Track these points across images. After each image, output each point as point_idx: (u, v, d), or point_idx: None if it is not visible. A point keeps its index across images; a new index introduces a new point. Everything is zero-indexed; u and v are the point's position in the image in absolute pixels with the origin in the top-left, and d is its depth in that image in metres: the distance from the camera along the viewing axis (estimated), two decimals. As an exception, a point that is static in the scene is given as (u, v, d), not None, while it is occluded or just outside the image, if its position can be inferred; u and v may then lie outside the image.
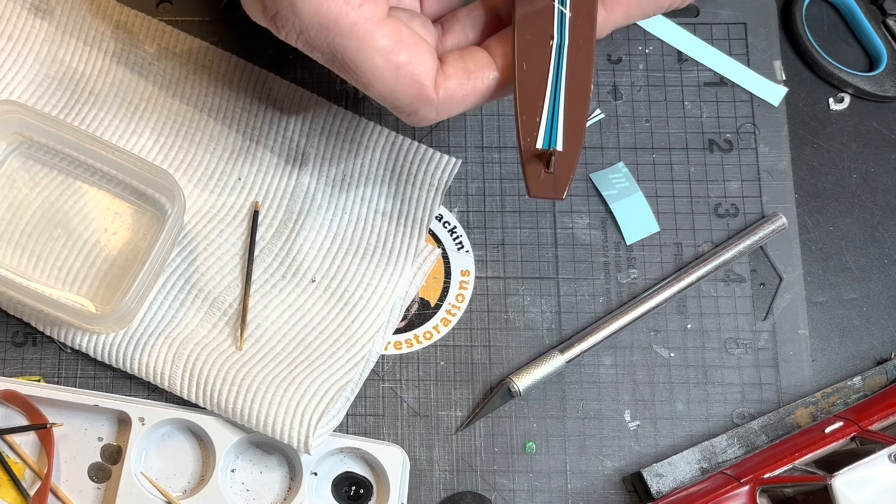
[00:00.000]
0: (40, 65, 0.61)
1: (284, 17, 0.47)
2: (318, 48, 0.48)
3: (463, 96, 0.49)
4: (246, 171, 0.61)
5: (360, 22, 0.46)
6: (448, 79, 0.49)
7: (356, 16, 0.46)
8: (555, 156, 0.47)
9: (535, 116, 0.48)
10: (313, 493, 0.57)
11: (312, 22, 0.46)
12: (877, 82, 0.63)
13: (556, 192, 0.48)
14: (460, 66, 0.49)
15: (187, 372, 0.57)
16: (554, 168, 0.47)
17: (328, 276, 0.59)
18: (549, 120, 0.48)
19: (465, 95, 0.50)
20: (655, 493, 0.57)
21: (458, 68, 0.49)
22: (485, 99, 0.50)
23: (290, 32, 0.48)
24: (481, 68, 0.50)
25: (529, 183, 0.48)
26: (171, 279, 0.59)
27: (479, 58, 0.50)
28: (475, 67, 0.50)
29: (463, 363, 0.60)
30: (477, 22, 0.52)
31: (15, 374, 0.59)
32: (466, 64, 0.50)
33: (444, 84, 0.49)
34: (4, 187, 0.59)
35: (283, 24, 0.48)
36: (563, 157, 0.48)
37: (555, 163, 0.47)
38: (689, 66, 0.64)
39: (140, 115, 0.61)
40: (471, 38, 0.52)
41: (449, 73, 0.49)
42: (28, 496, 0.57)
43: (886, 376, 0.60)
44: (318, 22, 0.46)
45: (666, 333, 0.60)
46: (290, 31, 0.48)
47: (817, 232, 0.62)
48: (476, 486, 0.58)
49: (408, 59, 0.47)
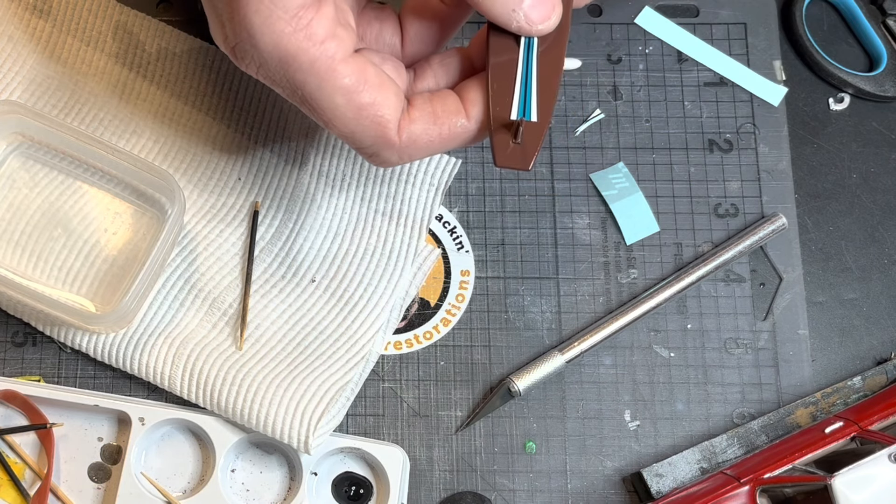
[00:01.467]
0: (40, 65, 0.61)
1: (244, 49, 0.45)
2: (278, 83, 0.46)
3: (427, 142, 0.48)
4: (246, 171, 0.61)
5: (322, 59, 0.44)
6: (413, 122, 0.47)
7: (317, 52, 0.44)
8: (523, 126, 0.46)
9: (506, 85, 0.47)
10: (313, 493, 0.57)
11: (272, 56, 0.45)
12: (877, 82, 0.63)
13: (524, 163, 0.47)
14: (427, 111, 0.48)
15: (187, 372, 0.57)
16: (522, 139, 0.47)
17: (328, 277, 0.59)
18: (523, 90, 0.47)
19: (430, 141, 0.48)
20: (655, 493, 0.57)
21: (425, 112, 0.48)
22: (452, 146, 0.49)
23: (249, 65, 0.46)
24: (449, 114, 0.48)
25: (496, 153, 0.47)
26: (171, 279, 0.59)
27: (449, 103, 0.48)
28: (443, 112, 0.48)
29: (463, 363, 0.60)
30: (450, 69, 0.50)
31: (15, 374, 0.59)
32: (434, 108, 0.48)
33: (409, 128, 0.47)
34: (4, 187, 0.59)
35: (242, 55, 0.46)
36: (532, 129, 0.47)
37: (522, 133, 0.46)
38: (689, 66, 0.64)
39: (140, 115, 0.61)
40: (442, 85, 0.50)
41: (415, 116, 0.47)
42: (28, 496, 0.57)
43: (886, 376, 0.60)
44: (277, 56, 0.44)
45: (666, 333, 0.60)
46: (249, 64, 0.46)
47: (817, 232, 0.62)
48: (476, 486, 0.58)
49: (371, 101, 0.46)
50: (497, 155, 0.47)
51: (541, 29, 0.46)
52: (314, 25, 0.44)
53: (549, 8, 0.46)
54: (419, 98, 0.48)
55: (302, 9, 0.43)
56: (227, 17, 0.45)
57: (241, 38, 0.45)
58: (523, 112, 0.46)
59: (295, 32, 0.44)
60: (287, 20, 0.43)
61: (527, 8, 0.46)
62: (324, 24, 0.44)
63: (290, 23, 0.43)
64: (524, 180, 0.62)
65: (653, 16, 0.65)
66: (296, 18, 0.43)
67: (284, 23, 0.43)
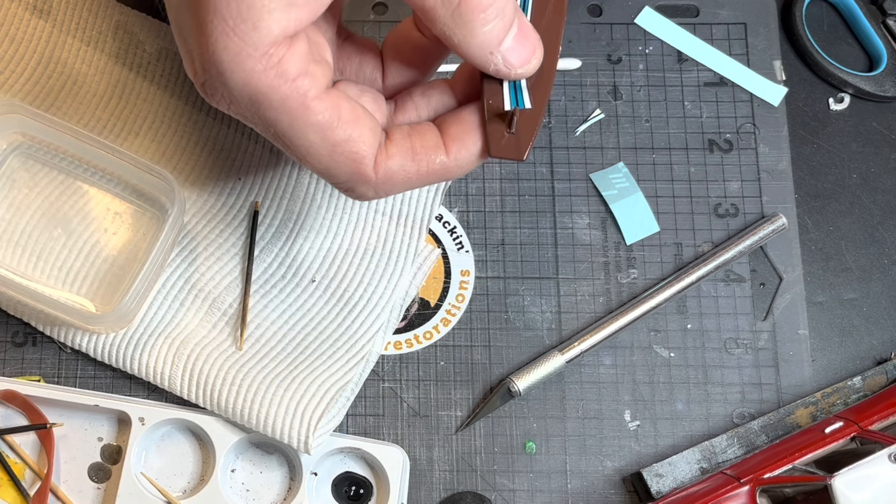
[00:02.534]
0: (40, 65, 0.61)
1: (213, 86, 0.44)
2: (250, 120, 0.45)
3: (405, 178, 0.46)
4: (246, 171, 0.61)
5: (294, 96, 0.42)
6: (390, 158, 0.46)
7: (288, 90, 0.42)
8: (517, 116, 0.46)
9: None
10: (313, 493, 0.57)
11: (242, 94, 0.43)
12: (877, 82, 0.63)
13: (518, 153, 0.46)
14: (406, 146, 0.46)
15: (187, 372, 0.57)
16: (516, 129, 0.46)
17: (328, 277, 0.59)
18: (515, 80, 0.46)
19: (408, 178, 0.46)
20: (655, 493, 0.57)
21: (403, 148, 0.46)
22: (431, 181, 0.47)
23: (220, 102, 0.45)
24: (428, 150, 0.46)
25: (490, 142, 0.46)
26: (171, 279, 0.59)
27: (428, 138, 0.46)
28: (422, 149, 0.46)
29: (463, 363, 0.60)
30: (431, 100, 0.49)
31: (15, 374, 0.59)
32: (413, 144, 0.46)
33: (385, 164, 0.45)
34: (4, 187, 0.59)
35: (212, 92, 0.45)
36: (526, 118, 0.46)
37: (517, 123, 0.46)
38: (689, 66, 0.64)
39: (140, 115, 0.61)
40: (423, 117, 0.49)
41: (392, 152, 0.46)
42: (28, 496, 0.57)
43: (886, 376, 0.60)
44: (248, 94, 0.43)
45: (666, 333, 0.60)
46: (220, 101, 0.45)
47: (817, 232, 0.62)
48: (476, 486, 0.58)
49: (345, 137, 0.44)
50: (491, 144, 0.46)
51: (521, 73, 0.45)
52: (286, 62, 0.42)
53: (528, 52, 0.45)
54: (398, 132, 0.47)
55: (273, 46, 0.42)
56: (196, 52, 0.43)
57: (210, 74, 0.43)
58: (516, 101, 0.45)
59: (266, 70, 0.42)
60: (257, 58, 0.42)
61: (505, 51, 0.44)
62: (296, 60, 0.42)
63: (260, 60, 0.42)
64: (524, 180, 0.62)
65: (653, 16, 0.65)
66: (266, 56, 0.42)
67: (255, 60, 0.42)
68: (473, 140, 0.46)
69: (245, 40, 0.41)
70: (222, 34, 0.41)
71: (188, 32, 0.43)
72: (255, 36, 0.41)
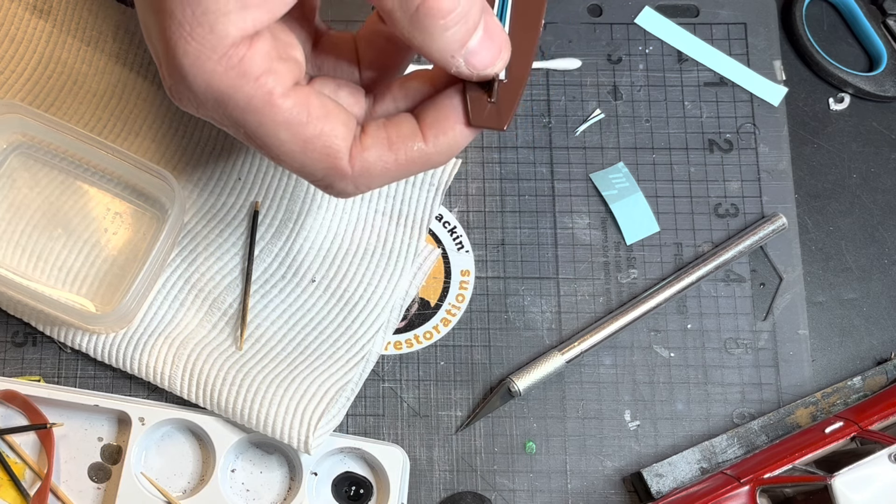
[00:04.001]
0: (40, 65, 0.61)
1: (179, 90, 0.43)
2: (220, 122, 0.45)
3: (383, 169, 0.45)
4: (246, 171, 0.61)
5: (258, 95, 0.42)
6: (366, 150, 0.45)
7: (252, 89, 0.42)
8: (497, 84, 0.45)
9: None
10: (313, 493, 0.57)
11: (207, 96, 0.43)
12: (877, 82, 0.63)
13: (499, 123, 0.45)
14: (381, 137, 0.45)
15: (187, 372, 0.57)
16: (497, 98, 0.45)
17: (328, 276, 0.59)
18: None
19: (386, 168, 0.45)
20: (655, 493, 0.57)
21: (378, 139, 0.45)
22: (412, 171, 0.46)
23: (188, 106, 0.45)
24: (404, 138, 0.45)
25: (471, 111, 0.45)
26: (171, 279, 0.59)
27: (404, 127, 0.45)
28: (398, 137, 0.45)
29: (463, 363, 0.60)
30: (409, 91, 0.48)
31: (15, 374, 0.59)
32: (389, 134, 0.45)
33: (361, 156, 0.45)
34: (4, 187, 0.59)
35: (179, 97, 0.44)
36: (508, 87, 0.45)
37: (497, 92, 0.45)
38: (689, 66, 0.64)
39: (140, 115, 0.61)
40: (402, 108, 0.48)
41: (367, 144, 0.45)
42: (28, 496, 0.57)
43: (886, 376, 0.60)
44: (212, 96, 0.42)
45: (666, 333, 0.60)
46: (188, 105, 0.45)
47: (817, 232, 0.62)
48: (476, 486, 0.58)
49: (317, 132, 0.43)
50: (472, 113, 0.45)
51: (484, 75, 0.44)
52: (247, 62, 0.42)
53: (493, 54, 0.44)
54: (373, 125, 0.46)
55: (232, 47, 0.41)
56: (162, 59, 0.43)
57: (175, 79, 0.43)
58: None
59: (226, 71, 0.42)
60: (216, 59, 0.41)
61: (468, 55, 0.43)
62: (258, 59, 0.42)
63: (220, 62, 0.41)
64: (524, 180, 0.62)
65: (653, 16, 0.65)
66: (226, 57, 0.41)
67: (214, 62, 0.41)
68: (452, 123, 0.46)
69: (203, 44, 0.41)
70: (181, 39, 0.41)
71: (154, 38, 0.44)
72: (212, 39, 0.41)
